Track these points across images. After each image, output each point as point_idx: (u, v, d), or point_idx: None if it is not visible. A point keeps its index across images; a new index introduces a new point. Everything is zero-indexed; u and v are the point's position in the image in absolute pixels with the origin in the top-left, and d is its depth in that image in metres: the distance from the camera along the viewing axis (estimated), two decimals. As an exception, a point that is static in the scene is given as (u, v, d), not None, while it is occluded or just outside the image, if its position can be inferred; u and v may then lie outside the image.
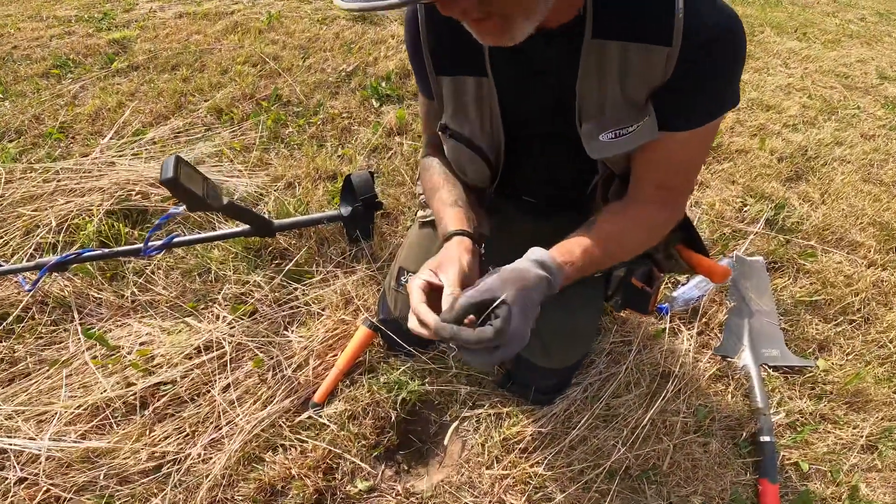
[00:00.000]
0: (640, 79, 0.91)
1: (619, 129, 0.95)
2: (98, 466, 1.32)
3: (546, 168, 1.20)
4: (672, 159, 0.99)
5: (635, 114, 0.94)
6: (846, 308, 1.87)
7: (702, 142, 1.00)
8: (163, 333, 1.60)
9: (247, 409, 1.43)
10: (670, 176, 1.03)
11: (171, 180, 1.30)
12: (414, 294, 0.90)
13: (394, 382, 1.51)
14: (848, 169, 2.50)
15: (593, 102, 0.96)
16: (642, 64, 0.89)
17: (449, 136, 1.11)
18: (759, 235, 2.08)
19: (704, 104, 0.93)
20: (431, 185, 1.18)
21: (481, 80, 1.02)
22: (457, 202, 1.11)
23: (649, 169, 1.03)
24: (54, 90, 2.62)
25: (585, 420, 1.48)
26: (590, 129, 0.98)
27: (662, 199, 1.04)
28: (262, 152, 2.30)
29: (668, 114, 0.93)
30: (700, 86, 0.90)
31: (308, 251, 1.84)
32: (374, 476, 1.39)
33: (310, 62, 2.89)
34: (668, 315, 1.77)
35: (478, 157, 1.11)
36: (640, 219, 1.05)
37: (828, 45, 3.71)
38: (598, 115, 0.96)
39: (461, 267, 0.93)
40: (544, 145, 1.14)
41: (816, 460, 1.49)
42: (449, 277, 0.90)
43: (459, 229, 1.03)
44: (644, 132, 0.94)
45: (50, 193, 1.94)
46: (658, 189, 1.03)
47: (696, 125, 0.94)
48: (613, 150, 0.98)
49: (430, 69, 1.06)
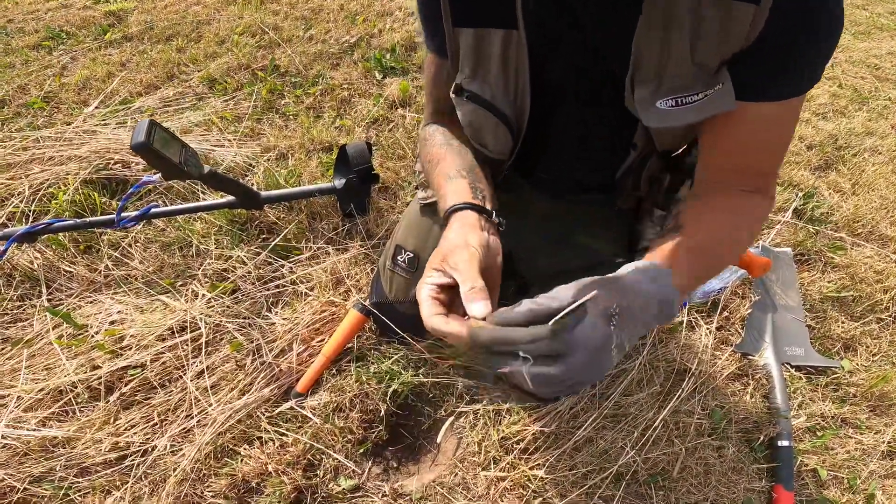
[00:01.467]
0: (716, 40, 0.74)
1: (682, 97, 0.79)
2: (57, 456, 1.22)
3: (575, 141, 1.04)
4: (759, 136, 0.82)
5: (705, 80, 0.78)
6: (875, 306, 1.74)
7: (790, 116, 0.82)
8: (136, 312, 1.48)
9: (222, 398, 1.32)
10: (757, 156, 0.85)
11: (141, 144, 1.18)
12: (424, 306, 0.70)
13: (385, 372, 1.40)
14: (879, 160, 2.35)
15: (651, 63, 0.79)
16: (721, 22, 0.73)
17: (467, 100, 0.95)
18: (786, 225, 1.94)
19: (794, 75, 0.76)
20: (430, 158, 1.01)
21: (510, 34, 0.85)
22: (460, 172, 0.93)
23: (730, 152, 0.85)
24: (44, 61, 2.52)
25: (592, 420, 1.36)
26: (644, 94, 0.82)
27: (758, 185, 0.86)
28: (255, 122, 2.17)
29: (754, 83, 0.77)
30: (792, 52, 0.73)
31: (298, 226, 1.71)
32: (360, 474, 1.28)
33: (311, 33, 2.76)
34: (686, 308, 1.64)
35: (501, 124, 0.95)
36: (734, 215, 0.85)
37: (858, 36, 3.56)
38: (654, 79, 0.80)
39: (472, 251, 0.74)
40: (576, 113, 0.98)
41: (835, 467, 1.39)
42: (462, 270, 0.71)
43: (461, 203, 0.85)
44: (718, 101, 0.78)
45: (27, 162, 1.83)
46: (740, 175, 0.85)
47: (785, 97, 0.77)
48: (677, 119, 0.81)
49: (448, 19, 0.89)
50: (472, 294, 0.67)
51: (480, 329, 0.60)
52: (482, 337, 0.60)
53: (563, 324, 0.55)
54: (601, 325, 0.58)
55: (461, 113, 0.98)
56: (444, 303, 0.71)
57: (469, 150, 1.01)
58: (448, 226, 0.83)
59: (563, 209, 1.20)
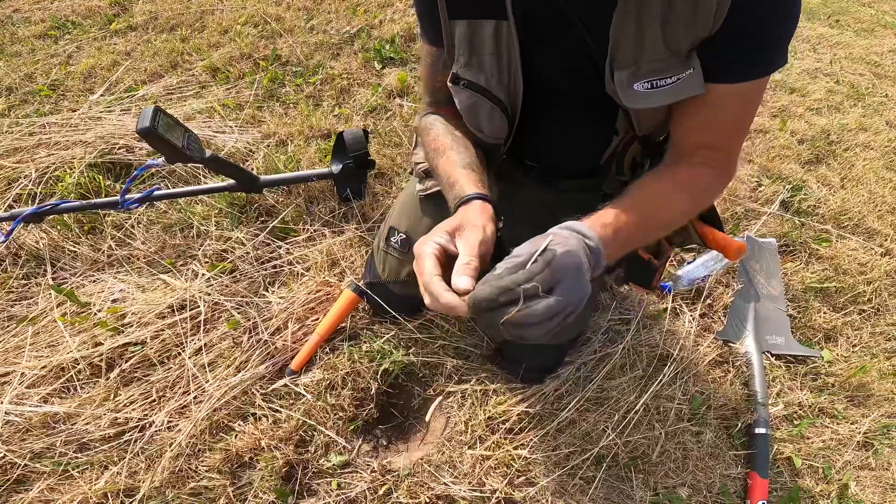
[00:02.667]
0: (685, 26, 0.80)
1: (657, 80, 0.85)
2: (57, 432, 1.26)
3: (564, 125, 1.09)
4: (719, 116, 0.89)
5: (676, 64, 0.84)
6: (857, 297, 1.78)
7: (752, 98, 0.89)
8: (137, 290, 1.52)
9: (218, 375, 1.36)
10: (718, 135, 0.92)
11: (146, 129, 1.24)
12: (426, 263, 0.74)
13: (376, 351, 1.44)
14: (871, 155, 2.38)
15: (628, 49, 0.85)
16: (689, 9, 0.78)
17: (463, 87, 1.00)
18: (772, 217, 1.98)
19: (756, 57, 0.82)
20: (436, 147, 1.04)
21: (500, 24, 0.91)
22: (471, 165, 0.98)
23: (693, 128, 0.93)
24: (49, 50, 2.54)
25: (575, 402, 1.41)
26: (622, 78, 0.88)
27: (710, 160, 0.94)
28: (256, 110, 2.21)
29: (717, 66, 0.83)
30: (752, 37, 0.80)
31: (296, 209, 1.75)
32: (350, 451, 1.33)
33: (313, 23, 2.77)
34: (670, 294, 1.68)
35: (497, 109, 0.99)
36: (684, 181, 0.93)
37: (861, 33, 3.55)
38: (632, 64, 0.86)
39: (485, 236, 0.79)
40: (561, 101, 1.04)
41: (810, 456, 1.43)
42: (469, 244, 0.76)
43: (480, 192, 0.90)
44: (687, 85, 0.85)
45: (34, 146, 1.87)
46: (705, 150, 0.93)
47: (746, 78, 0.84)
48: (652, 100, 0.88)
49: (444, 12, 0.95)
50: (466, 268, 0.73)
51: (479, 289, 0.66)
52: (482, 294, 0.66)
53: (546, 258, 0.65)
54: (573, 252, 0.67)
55: (458, 100, 1.03)
56: (443, 265, 0.75)
57: (471, 144, 1.05)
58: (467, 206, 0.88)
59: (551, 195, 1.24)
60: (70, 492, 1.21)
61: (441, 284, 0.71)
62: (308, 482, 1.28)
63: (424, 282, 0.73)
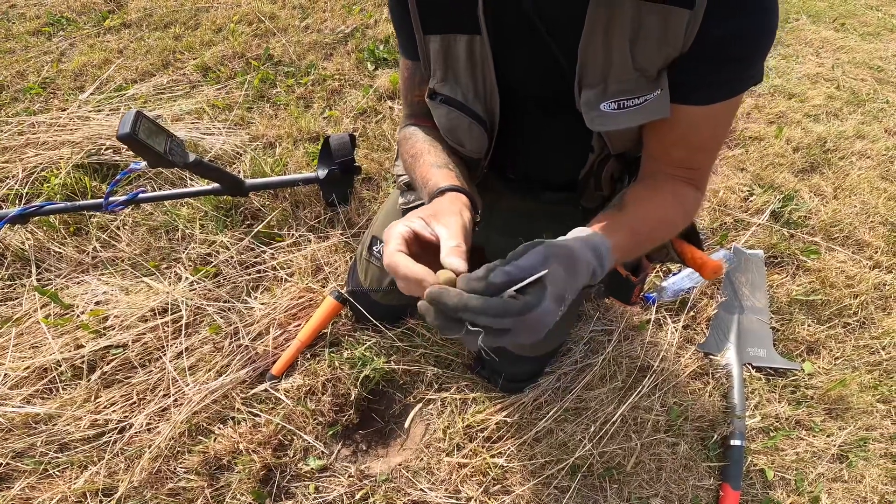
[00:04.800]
0: (655, 45, 0.79)
1: (624, 100, 0.84)
2: (39, 432, 1.29)
3: (540, 142, 1.09)
4: (692, 136, 0.89)
5: (644, 85, 0.83)
6: (843, 310, 1.78)
7: (724, 118, 0.88)
8: (121, 293, 1.53)
9: (199, 378, 1.38)
10: (691, 154, 0.91)
11: (127, 136, 1.23)
12: (392, 243, 0.70)
13: (357, 358, 1.45)
14: (867, 164, 2.36)
15: (596, 68, 0.84)
16: (659, 28, 0.77)
17: (441, 102, 0.99)
18: (762, 227, 1.97)
19: (727, 78, 0.81)
20: (414, 152, 1.03)
21: (474, 39, 0.90)
22: (447, 164, 0.97)
23: (667, 147, 0.92)
24: (43, 47, 2.55)
25: (554, 412, 1.42)
26: (589, 97, 0.87)
27: (686, 177, 0.93)
28: (245, 111, 2.20)
29: (687, 86, 0.82)
30: (724, 57, 0.78)
31: (282, 213, 1.76)
32: (329, 455, 1.35)
33: (307, 22, 2.76)
34: (654, 305, 1.69)
35: (475, 123, 0.99)
36: (670, 201, 0.93)
37: (866, 37, 3.51)
38: (600, 83, 0.85)
39: (463, 221, 0.75)
40: (537, 116, 1.03)
41: (783, 468, 1.44)
42: (450, 229, 0.72)
43: (454, 185, 0.88)
44: (653, 108, 0.83)
45: (22, 146, 1.88)
46: (679, 168, 0.93)
47: (717, 100, 0.83)
48: (616, 123, 0.87)
49: (418, 27, 0.94)
50: (457, 250, 0.69)
51: (442, 290, 0.61)
52: (443, 298, 0.61)
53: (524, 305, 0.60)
54: (553, 308, 0.62)
55: (436, 115, 1.03)
56: (412, 253, 0.71)
57: (450, 151, 1.05)
58: (441, 196, 0.84)
59: (531, 207, 1.24)
60: (50, 490, 1.23)
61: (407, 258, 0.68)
62: (286, 485, 1.30)
63: (387, 260, 0.69)
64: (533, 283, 0.61)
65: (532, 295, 0.61)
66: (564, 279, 0.65)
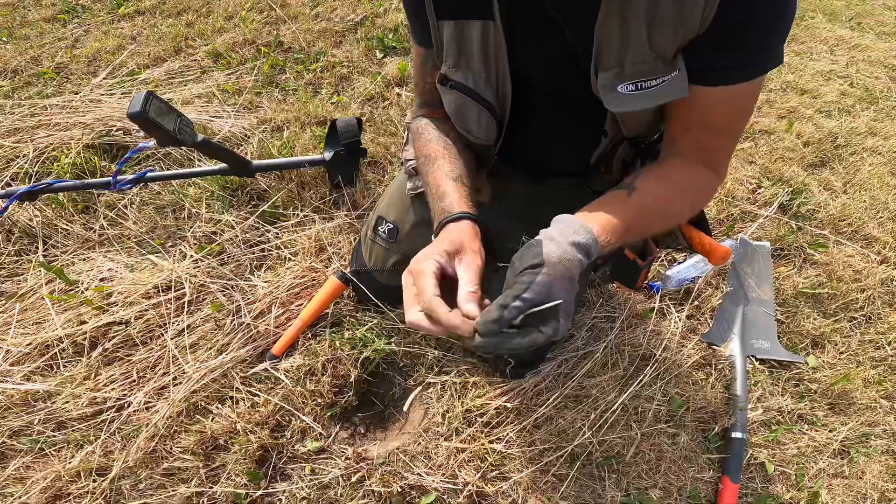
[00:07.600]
0: (671, 28, 0.79)
1: (641, 81, 0.84)
2: (37, 410, 1.29)
3: (552, 127, 1.09)
4: (710, 118, 0.89)
5: (661, 67, 0.83)
6: (849, 304, 1.76)
7: (743, 101, 0.88)
8: (125, 270, 1.53)
9: (199, 356, 1.38)
10: (710, 136, 0.92)
11: (137, 114, 1.27)
12: (427, 282, 0.77)
13: (358, 339, 1.45)
14: (878, 160, 2.33)
15: (612, 51, 0.84)
16: (675, 11, 0.77)
17: (451, 88, 1.00)
18: (769, 219, 1.95)
19: (744, 59, 0.81)
20: (428, 154, 1.05)
21: (488, 25, 0.90)
22: (461, 178, 0.99)
23: (686, 128, 0.92)
24: (57, 34, 2.58)
25: (554, 398, 1.41)
26: (606, 79, 0.87)
27: (707, 160, 0.93)
28: (255, 96, 2.22)
29: (705, 68, 0.82)
30: (740, 38, 0.78)
31: (287, 194, 1.75)
32: (326, 437, 1.34)
33: (318, 10, 2.77)
34: (658, 294, 1.67)
35: (485, 111, 1.00)
36: (685, 183, 0.94)
37: (882, 36, 3.46)
38: (616, 66, 0.85)
39: (479, 263, 0.82)
40: (550, 101, 1.03)
41: (784, 462, 1.43)
42: (472, 272, 0.80)
43: (470, 212, 0.92)
44: (671, 89, 0.84)
45: (34, 127, 1.90)
46: (698, 150, 0.93)
47: (734, 81, 0.83)
48: (635, 104, 0.87)
49: (431, 12, 0.94)
50: (473, 296, 0.76)
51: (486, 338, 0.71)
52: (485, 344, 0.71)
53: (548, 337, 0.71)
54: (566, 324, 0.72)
55: (446, 101, 1.03)
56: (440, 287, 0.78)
57: (462, 150, 1.06)
58: (458, 224, 0.90)
59: (541, 192, 1.24)
60: (44, 469, 1.23)
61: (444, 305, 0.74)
62: (282, 466, 1.30)
63: (426, 301, 0.75)
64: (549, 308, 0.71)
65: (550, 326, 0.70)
66: (568, 296, 0.72)
